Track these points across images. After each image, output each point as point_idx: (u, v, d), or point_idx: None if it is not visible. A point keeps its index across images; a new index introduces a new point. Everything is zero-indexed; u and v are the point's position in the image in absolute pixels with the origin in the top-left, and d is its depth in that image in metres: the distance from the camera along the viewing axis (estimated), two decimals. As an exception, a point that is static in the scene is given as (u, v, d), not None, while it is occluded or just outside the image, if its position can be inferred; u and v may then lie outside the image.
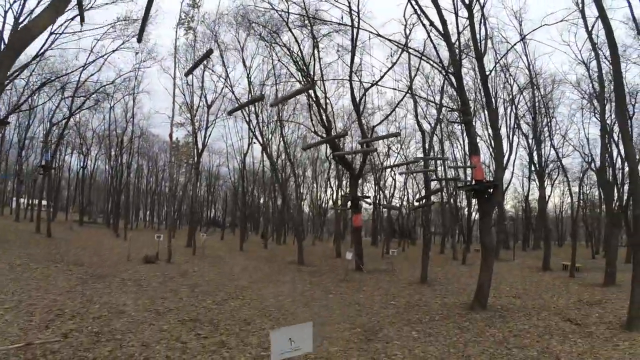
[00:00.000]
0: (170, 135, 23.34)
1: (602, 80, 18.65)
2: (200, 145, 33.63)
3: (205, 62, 28.59)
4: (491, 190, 10.48)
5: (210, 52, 4.51)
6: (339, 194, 36.64)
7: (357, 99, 21.23)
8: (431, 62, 17.19)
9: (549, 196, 28.52)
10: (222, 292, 12.30)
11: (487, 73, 12.72)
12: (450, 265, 24.78)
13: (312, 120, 24.98)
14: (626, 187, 30.58)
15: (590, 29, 18.57)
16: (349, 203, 21.47)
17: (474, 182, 11.35)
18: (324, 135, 22.40)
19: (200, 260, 21.43)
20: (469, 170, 31.66)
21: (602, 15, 9.49)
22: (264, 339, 7.56)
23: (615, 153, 26.81)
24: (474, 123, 11.61)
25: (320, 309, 10.90)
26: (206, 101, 32.80)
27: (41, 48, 22.94)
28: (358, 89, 22.24)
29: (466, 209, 41.96)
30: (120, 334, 7.34)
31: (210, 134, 35.19)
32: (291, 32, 21.73)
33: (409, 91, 18.08)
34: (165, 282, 13.45)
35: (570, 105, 41.70)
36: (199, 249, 25.15)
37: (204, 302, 10.69)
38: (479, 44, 12.87)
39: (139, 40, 5.63)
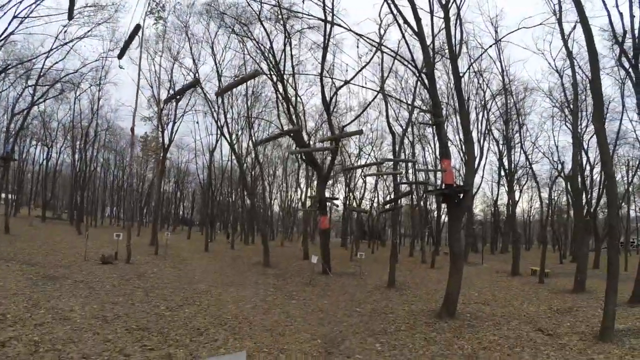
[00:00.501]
0: (132, 129, 22.00)
1: (576, 87, 18.59)
2: (167, 140, 32.69)
3: (176, 55, 27.54)
4: (461, 195, 10.01)
5: (196, 81, 3.81)
6: (308, 194, 35.87)
7: (328, 98, 20.53)
8: (405, 62, 16.64)
9: (517, 201, 28.61)
10: (178, 296, 11.46)
11: (461, 75, 12.23)
12: (418, 269, 24.39)
13: (279, 117, 24.15)
14: (595, 193, 31.15)
15: (566, 37, 18.58)
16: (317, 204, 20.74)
17: (444, 186, 10.83)
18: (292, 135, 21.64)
19: (161, 260, 20.35)
20: (439, 174, 31.57)
21: (583, 21, 9.04)
22: (214, 352, 6.90)
23: (584, 160, 27.07)
24: (445, 127, 11.07)
25: (281, 316, 10.11)
26: (175, 93, 31.53)
27: (4, 31, 21.33)
28: (329, 88, 21.60)
29: (436, 212, 41.86)
30: (62, 343, 6.66)
31: (177, 129, 33.90)
32: (262, 25, 20.86)
33: (381, 91, 17.48)
34: (119, 284, 12.50)
35: (541, 113, 42.32)
36: (162, 248, 24.08)
37: (157, 308, 9.90)
38: (453, 46, 12.42)
39: (120, 57, 4.88)
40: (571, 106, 29.57)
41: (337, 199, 26.17)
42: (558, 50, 37.99)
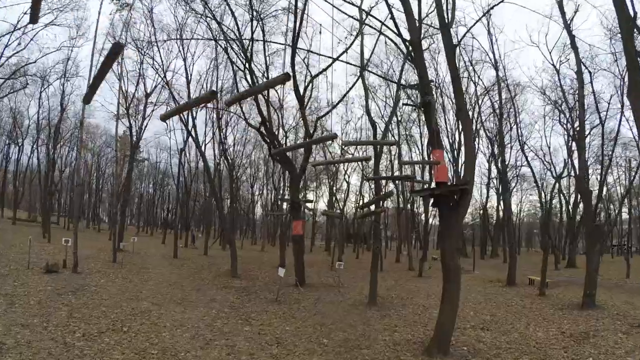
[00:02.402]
0: (82, 122, 19.66)
1: (581, 75, 16.54)
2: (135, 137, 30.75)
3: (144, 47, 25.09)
4: (457, 197, 7.66)
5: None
6: (278, 196, 33.50)
7: (302, 89, 18.22)
8: (390, 35, 14.19)
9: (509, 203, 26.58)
10: (107, 318, 9.37)
11: (455, 44, 9.94)
12: (405, 278, 22.15)
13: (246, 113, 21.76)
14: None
15: (569, 22, 16.65)
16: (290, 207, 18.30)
17: (434, 184, 8.50)
18: (263, 132, 19.20)
19: (116, 270, 17.83)
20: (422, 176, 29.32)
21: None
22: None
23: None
24: (435, 109, 8.61)
25: (223, 352, 7.73)
26: (145, 90, 29.24)
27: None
28: (304, 78, 19.31)
29: (423, 215, 39.75)
30: None
31: (146, 125, 31.62)
32: (229, 6, 18.38)
33: (361, 72, 15.11)
34: (46, 300, 10.40)
35: (532, 112, 40.68)
36: (128, 254, 22.50)
37: (72, 335, 7.91)
38: (445, 13, 10.26)
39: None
40: (566, 104, 27.97)
41: (310, 201, 23.75)
42: (554, 42, 36.45)
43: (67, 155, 49.74)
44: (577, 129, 24.46)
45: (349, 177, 41.70)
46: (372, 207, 15.58)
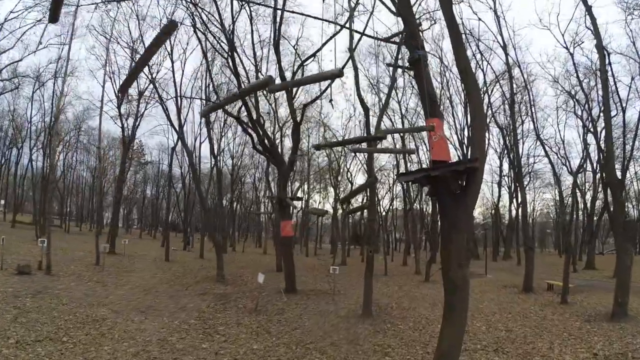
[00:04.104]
0: (57, 116, 18.28)
1: (602, 50, 14.55)
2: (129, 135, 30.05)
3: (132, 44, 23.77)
4: (464, 181, 5.46)
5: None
6: (267, 193, 31.81)
7: (291, 74, 16.45)
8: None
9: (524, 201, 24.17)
10: (55, 324, 8.50)
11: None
12: (410, 283, 20.22)
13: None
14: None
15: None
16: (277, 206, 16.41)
17: (429, 164, 6.74)
18: (249, 123, 17.34)
19: (94, 273, 16.66)
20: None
21: None
22: None
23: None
24: (429, 68, 6.38)
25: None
26: (138, 87, 27.90)
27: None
28: (293, 61, 17.54)
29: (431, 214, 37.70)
30: None
31: (139, 124, 30.28)
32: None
33: (352, 51, 13.18)
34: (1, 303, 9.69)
35: (545, 107, 38.37)
36: (121, 256, 22.65)
37: (7, 340, 7.17)
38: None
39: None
40: (582, 91, 25.86)
41: (300, 199, 21.83)
42: (567, 23, 34.34)
43: (71, 157, 49.68)
44: (601, 111, 22.47)
45: (352, 176, 39.89)
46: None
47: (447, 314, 5.21)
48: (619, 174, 18.55)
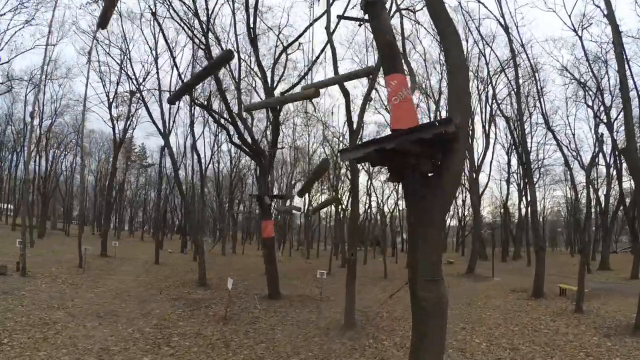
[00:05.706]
0: (32, 113, 17.37)
1: (614, 23, 12.96)
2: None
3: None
4: (437, 156, 3.79)
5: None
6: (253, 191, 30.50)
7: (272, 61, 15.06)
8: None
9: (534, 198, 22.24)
10: (1, 326, 8.24)
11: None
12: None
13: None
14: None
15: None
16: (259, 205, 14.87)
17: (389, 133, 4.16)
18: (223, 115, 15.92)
19: (72, 275, 15.89)
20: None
21: None
22: None
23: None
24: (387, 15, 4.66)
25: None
26: (130, 86, 26.94)
27: None
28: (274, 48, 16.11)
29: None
30: None
31: (129, 124, 29.55)
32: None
33: (331, 35, 11.72)
34: None
35: (553, 99, 36.62)
36: (112, 256, 22.79)
37: None
38: None
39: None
40: (594, 78, 24.17)
41: (283, 197, 20.40)
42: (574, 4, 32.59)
43: (71, 160, 49.15)
44: (613, 100, 20.55)
45: (347, 173, 38.36)
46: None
47: (416, 343, 3.75)
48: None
